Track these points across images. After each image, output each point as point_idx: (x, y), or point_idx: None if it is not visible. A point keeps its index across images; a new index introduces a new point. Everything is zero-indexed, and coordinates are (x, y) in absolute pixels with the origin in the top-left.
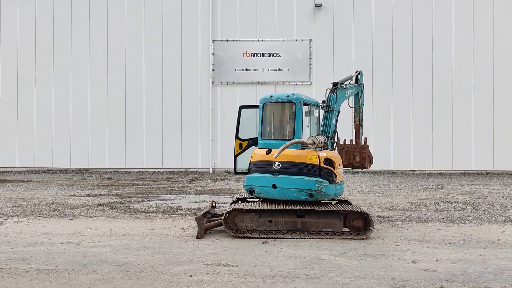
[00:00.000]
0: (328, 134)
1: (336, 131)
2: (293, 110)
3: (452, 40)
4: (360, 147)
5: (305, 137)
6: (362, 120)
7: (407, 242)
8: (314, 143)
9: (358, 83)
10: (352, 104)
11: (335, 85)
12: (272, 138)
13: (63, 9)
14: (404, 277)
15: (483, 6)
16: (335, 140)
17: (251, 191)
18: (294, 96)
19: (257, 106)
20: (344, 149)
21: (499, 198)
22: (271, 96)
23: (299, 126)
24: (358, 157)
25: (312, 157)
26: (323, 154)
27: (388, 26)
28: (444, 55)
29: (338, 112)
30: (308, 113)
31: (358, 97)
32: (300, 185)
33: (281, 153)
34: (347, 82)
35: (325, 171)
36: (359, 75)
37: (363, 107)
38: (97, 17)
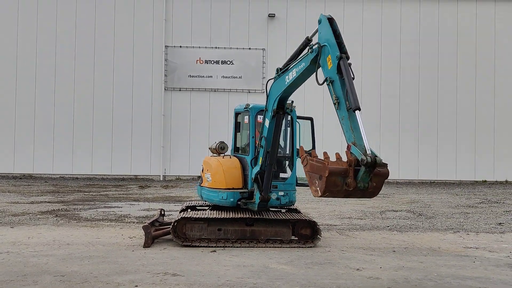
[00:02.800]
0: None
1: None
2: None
3: (400, 50)
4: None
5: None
6: (339, 113)
7: (353, 250)
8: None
9: (311, 49)
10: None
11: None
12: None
13: (10, 10)
14: (348, 285)
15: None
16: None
17: None
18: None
19: (308, 118)
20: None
21: (441, 207)
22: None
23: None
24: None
25: None
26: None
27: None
28: (394, 64)
29: (276, 112)
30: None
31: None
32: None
33: None
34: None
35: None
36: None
37: (333, 85)
38: (46, 19)
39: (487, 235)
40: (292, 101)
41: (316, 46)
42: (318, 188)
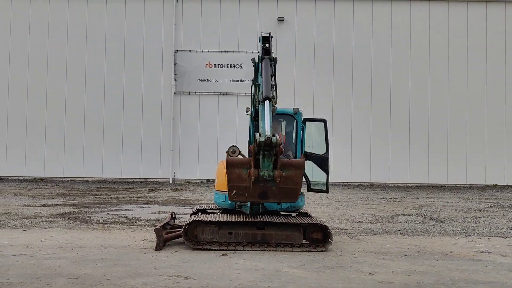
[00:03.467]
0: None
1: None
2: None
3: (410, 58)
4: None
5: None
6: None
7: (364, 254)
8: None
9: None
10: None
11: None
12: None
13: (22, 13)
14: None
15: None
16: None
17: None
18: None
19: (321, 120)
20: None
21: (452, 211)
22: None
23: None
24: None
25: None
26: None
27: (349, 41)
28: (402, 72)
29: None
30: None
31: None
32: None
33: None
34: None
35: None
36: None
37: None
38: (57, 23)
39: (499, 240)
40: (298, 108)
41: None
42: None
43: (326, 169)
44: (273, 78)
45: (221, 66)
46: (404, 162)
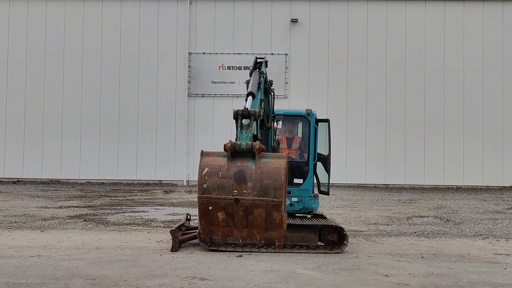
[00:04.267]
0: None
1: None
2: None
3: (424, 55)
4: None
5: None
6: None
7: (380, 256)
8: None
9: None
10: None
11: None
12: None
13: (40, 16)
14: None
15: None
16: None
17: None
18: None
19: (324, 120)
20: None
21: (469, 212)
22: None
23: None
24: None
25: None
26: None
27: (363, 42)
28: (418, 73)
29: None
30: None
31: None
32: None
33: None
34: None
35: None
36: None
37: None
38: (72, 27)
39: None
40: (311, 109)
41: None
42: None
43: (327, 170)
44: (263, 103)
45: (235, 68)
46: (420, 163)
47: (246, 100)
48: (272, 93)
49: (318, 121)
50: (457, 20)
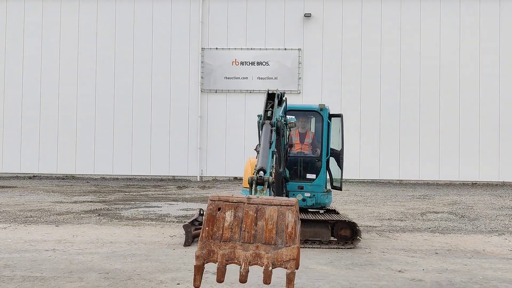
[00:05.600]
0: None
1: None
2: None
3: (440, 54)
4: None
5: None
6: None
7: (394, 252)
8: None
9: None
10: None
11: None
12: None
13: (54, 17)
14: (391, 287)
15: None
16: None
17: None
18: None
19: (338, 115)
20: None
21: (484, 208)
22: None
23: None
24: None
25: None
26: None
27: (377, 37)
28: (432, 68)
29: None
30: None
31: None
32: None
33: None
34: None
35: None
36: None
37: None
38: (86, 24)
39: None
40: (324, 104)
41: None
42: None
43: (340, 165)
44: (273, 145)
45: (248, 63)
46: (434, 159)
47: (256, 157)
48: (285, 103)
49: (331, 116)
50: (474, 16)
